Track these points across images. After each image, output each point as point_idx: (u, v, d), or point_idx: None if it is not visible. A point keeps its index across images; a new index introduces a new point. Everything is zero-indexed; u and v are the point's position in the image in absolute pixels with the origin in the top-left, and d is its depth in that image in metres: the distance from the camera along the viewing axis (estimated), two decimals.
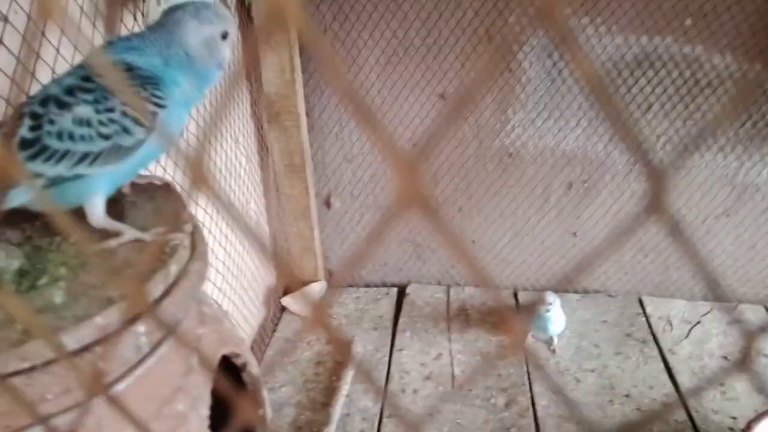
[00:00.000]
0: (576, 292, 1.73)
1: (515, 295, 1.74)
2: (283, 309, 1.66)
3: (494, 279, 1.78)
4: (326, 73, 0.17)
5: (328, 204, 1.72)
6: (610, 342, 1.52)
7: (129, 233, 0.50)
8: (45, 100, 0.49)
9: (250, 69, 1.44)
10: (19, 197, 0.48)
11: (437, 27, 1.47)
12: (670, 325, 1.58)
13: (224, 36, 0.56)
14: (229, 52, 0.57)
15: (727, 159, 1.54)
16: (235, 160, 1.29)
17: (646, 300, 1.68)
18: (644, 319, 1.60)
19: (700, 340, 1.52)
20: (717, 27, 1.40)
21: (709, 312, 1.63)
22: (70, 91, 0.48)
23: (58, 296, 0.45)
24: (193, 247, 0.52)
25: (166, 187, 0.58)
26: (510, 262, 1.75)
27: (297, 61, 1.44)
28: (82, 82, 0.48)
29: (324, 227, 1.75)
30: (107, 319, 0.43)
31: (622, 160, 1.58)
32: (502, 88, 1.52)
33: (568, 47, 0.16)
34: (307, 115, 1.56)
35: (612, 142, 1.56)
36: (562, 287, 1.73)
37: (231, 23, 0.56)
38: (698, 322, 1.59)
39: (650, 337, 1.53)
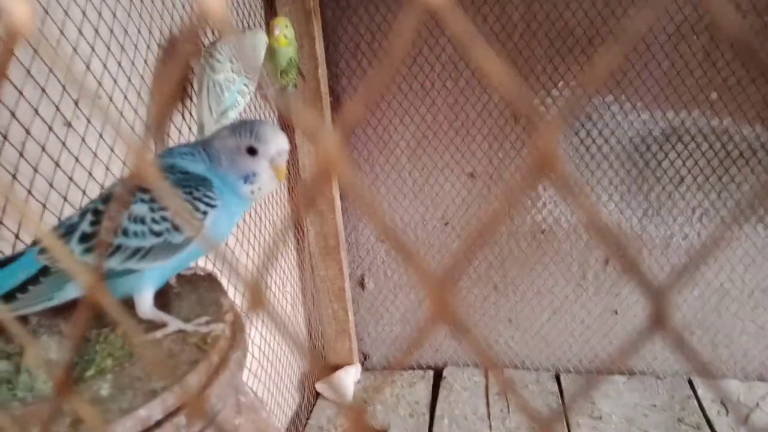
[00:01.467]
0: (621, 373, 1.65)
1: (557, 378, 1.66)
2: (318, 394, 1.63)
3: (534, 360, 1.72)
4: (365, 213, 0.18)
5: (362, 285, 1.73)
6: (660, 427, 1.43)
7: (174, 324, 0.52)
8: (108, 197, 0.52)
9: (290, 154, 1.50)
10: (73, 290, 0.50)
11: (464, 110, 1.52)
12: (725, 408, 1.48)
13: (250, 151, 0.55)
14: (261, 169, 0.55)
15: None
16: (273, 243, 1.32)
17: (696, 381, 1.59)
18: (696, 402, 1.51)
19: (761, 425, 1.42)
20: (743, 99, 1.41)
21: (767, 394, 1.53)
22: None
23: (104, 389, 0.46)
24: (233, 336, 0.53)
25: (209, 278, 0.60)
26: (550, 342, 1.70)
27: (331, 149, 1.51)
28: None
29: (358, 308, 1.75)
30: (151, 411, 0.44)
31: (659, 233, 1.55)
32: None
33: (572, 196, 0.17)
34: (341, 198, 1.60)
35: (647, 216, 1.54)
36: (606, 370, 1.66)
37: (263, 141, 0.55)
38: (757, 405, 1.49)
39: (704, 422, 1.44)
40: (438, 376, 1.70)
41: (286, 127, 1.47)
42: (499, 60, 0.16)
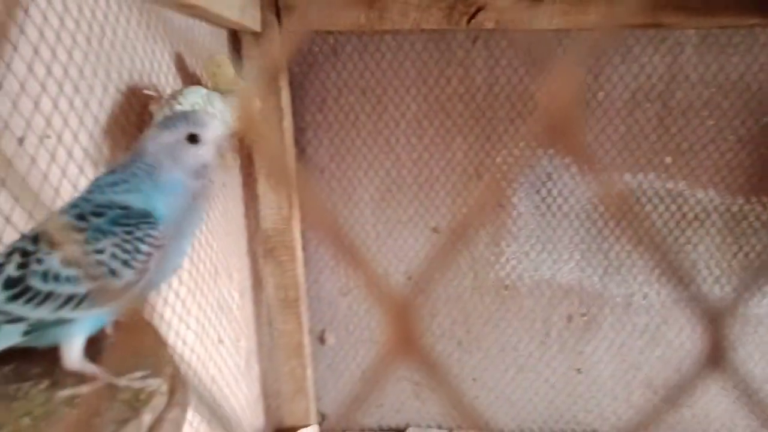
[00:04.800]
0: None
1: None
2: None
3: (498, 421, 1.67)
4: (315, 219, 0.16)
5: (322, 340, 1.67)
6: None
7: (103, 378, 0.47)
8: (36, 237, 0.47)
9: (249, 206, 1.48)
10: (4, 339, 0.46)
11: (428, 166, 1.54)
12: None
13: (192, 139, 0.50)
14: (208, 157, 0.50)
15: (724, 290, 1.53)
16: (228, 295, 1.27)
17: None
18: None
19: None
20: (696, 164, 1.46)
21: None
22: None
23: None
24: (172, 392, 0.48)
25: (149, 326, 0.56)
26: (514, 402, 1.66)
27: (295, 197, 1.49)
28: (77, 221, 0.47)
29: (317, 365, 1.68)
30: None
31: (620, 292, 1.56)
32: (495, 221, 1.55)
33: (586, 166, 0.15)
34: (303, 249, 1.57)
35: (607, 275, 1.55)
36: (570, 430, 1.63)
37: (202, 125, 0.50)
38: None
39: None
40: None
41: (249, 175, 1.45)
42: None
